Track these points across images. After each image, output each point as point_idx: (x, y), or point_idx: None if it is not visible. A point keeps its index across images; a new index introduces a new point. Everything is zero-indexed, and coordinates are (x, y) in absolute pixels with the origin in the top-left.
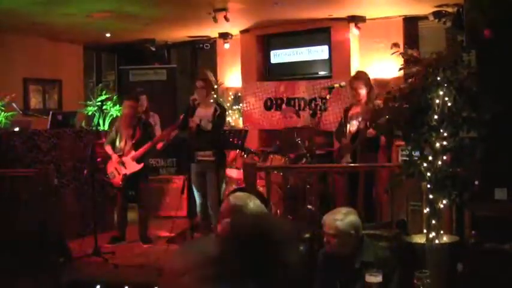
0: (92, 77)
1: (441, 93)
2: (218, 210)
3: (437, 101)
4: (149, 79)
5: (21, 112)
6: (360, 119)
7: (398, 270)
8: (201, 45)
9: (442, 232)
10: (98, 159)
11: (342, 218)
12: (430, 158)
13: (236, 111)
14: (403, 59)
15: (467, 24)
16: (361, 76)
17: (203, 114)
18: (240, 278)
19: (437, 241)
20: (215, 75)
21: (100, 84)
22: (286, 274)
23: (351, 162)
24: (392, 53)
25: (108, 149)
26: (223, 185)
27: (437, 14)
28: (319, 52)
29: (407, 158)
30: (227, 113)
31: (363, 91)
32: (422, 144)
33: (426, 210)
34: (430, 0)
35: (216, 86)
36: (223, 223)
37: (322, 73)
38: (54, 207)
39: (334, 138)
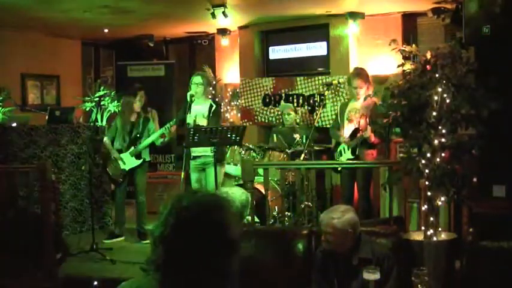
0: (90, 72)
1: (440, 90)
2: None
3: (435, 98)
4: (147, 75)
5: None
6: (358, 115)
7: (396, 267)
8: (199, 41)
9: (440, 229)
10: (96, 155)
11: (339, 216)
12: (429, 155)
13: (234, 107)
14: (401, 56)
15: (466, 20)
16: (360, 73)
17: (198, 110)
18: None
19: (435, 238)
20: (213, 71)
21: (98, 80)
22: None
23: (351, 159)
24: (392, 49)
25: (107, 144)
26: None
27: (436, 11)
28: (317, 48)
29: (406, 155)
30: (225, 108)
31: (361, 88)
32: (420, 141)
33: (424, 207)
34: None
35: (214, 82)
36: None
37: (320, 69)
38: (51, 203)
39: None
